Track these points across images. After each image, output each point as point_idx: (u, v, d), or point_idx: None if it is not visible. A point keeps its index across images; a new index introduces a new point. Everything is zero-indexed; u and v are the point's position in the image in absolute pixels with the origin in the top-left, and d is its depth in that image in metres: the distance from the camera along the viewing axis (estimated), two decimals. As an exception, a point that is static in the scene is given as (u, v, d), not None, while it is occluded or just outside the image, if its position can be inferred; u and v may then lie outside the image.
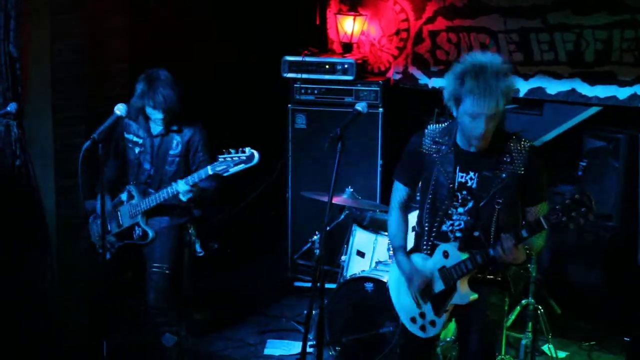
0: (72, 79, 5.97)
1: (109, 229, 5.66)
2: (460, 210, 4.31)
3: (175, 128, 5.54)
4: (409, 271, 4.45)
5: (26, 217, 5.80)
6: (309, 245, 6.62)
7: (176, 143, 5.55)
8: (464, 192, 4.30)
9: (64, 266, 6.04)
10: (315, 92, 7.21)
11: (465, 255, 4.26)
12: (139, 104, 5.43)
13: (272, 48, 7.44)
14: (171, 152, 5.54)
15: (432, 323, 4.45)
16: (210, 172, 5.24)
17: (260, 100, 7.71)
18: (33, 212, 5.83)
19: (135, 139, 5.61)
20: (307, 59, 7.20)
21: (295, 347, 6.24)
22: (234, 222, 7.71)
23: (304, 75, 7.20)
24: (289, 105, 7.27)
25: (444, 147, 4.35)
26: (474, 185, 4.28)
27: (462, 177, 4.31)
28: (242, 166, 5.19)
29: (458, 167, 4.31)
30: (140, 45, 6.58)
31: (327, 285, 5.12)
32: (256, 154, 5.18)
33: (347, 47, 7.52)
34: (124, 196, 5.65)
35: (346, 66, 7.13)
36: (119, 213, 5.65)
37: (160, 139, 5.56)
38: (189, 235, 5.75)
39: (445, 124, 4.45)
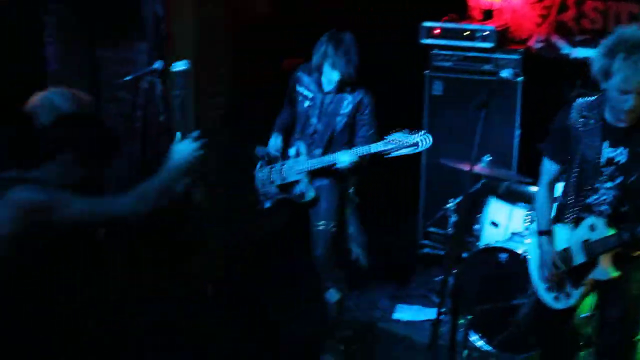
0: (217, 38, 6.07)
1: (272, 179, 5.83)
2: (608, 184, 4.21)
3: (348, 89, 5.65)
4: (548, 259, 4.42)
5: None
6: (441, 213, 6.56)
7: (347, 103, 5.66)
8: (612, 168, 4.19)
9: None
10: (454, 59, 7.08)
11: (612, 231, 4.17)
12: (318, 62, 5.58)
13: (411, 14, 7.37)
14: (341, 111, 5.66)
15: (567, 295, 4.40)
16: (380, 148, 5.33)
17: (397, 67, 7.65)
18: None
19: (306, 92, 5.74)
20: (447, 25, 7.10)
21: (423, 313, 6.25)
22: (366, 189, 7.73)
23: (442, 42, 7.09)
24: (426, 72, 7.18)
25: (592, 121, 4.24)
26: (623, 161, 4.17)
27: (610, 152, 4.20)
28: (408, 150, 5.26)
29: (607, 142, 4.20)
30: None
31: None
32: (422, 142, 5.24)
33: (488, 14, 7.37)
34: (292, 151, 5.78)
35: (486, 33, 6.95)
36: (283, 167, 5.78)
37: (332, 96, 5.67)
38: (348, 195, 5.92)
39: (594, 97, 4.32)
